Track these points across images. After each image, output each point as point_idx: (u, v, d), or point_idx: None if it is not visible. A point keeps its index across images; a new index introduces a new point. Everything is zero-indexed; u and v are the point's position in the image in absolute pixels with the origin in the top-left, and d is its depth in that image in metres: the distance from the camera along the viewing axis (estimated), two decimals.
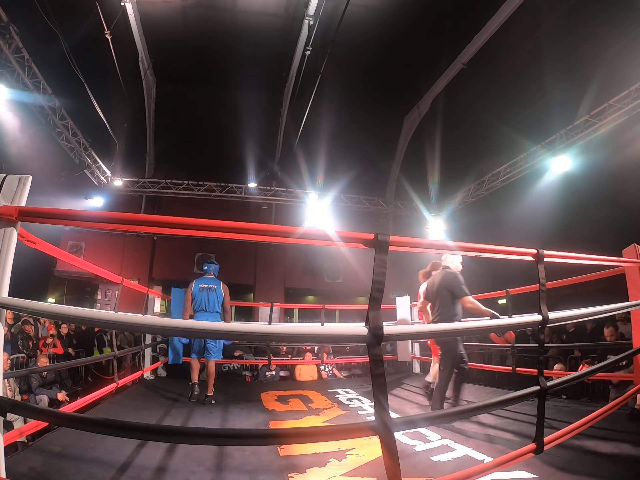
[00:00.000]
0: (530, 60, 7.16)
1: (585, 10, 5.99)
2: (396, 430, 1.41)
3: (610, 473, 2.00)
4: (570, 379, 2.21)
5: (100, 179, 9.42)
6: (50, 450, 2.33)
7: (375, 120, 9.82)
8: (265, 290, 10.94)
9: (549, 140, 7.46)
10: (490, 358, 7.09)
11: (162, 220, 1.70)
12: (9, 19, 5.55)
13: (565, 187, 7.30)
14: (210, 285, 4.19)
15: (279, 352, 7.28)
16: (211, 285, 4.20)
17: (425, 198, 10.58)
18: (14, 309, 1.58)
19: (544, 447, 1.82)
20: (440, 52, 7.74)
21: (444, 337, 3.25)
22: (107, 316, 1.53)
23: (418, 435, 2.82)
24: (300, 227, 1.55)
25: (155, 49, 8.11)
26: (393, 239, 1.50)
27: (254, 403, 4.15)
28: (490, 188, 9.26)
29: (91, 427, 1.59)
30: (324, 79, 7.02)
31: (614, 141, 6.52)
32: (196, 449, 2.47)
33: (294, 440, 1.98)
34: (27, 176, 1.56)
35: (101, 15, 6.03)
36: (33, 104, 6.75)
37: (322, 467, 2.28)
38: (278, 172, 10.32)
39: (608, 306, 2.41)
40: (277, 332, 1.85)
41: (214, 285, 4.22)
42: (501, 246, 2.04)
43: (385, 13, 7.21)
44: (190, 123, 9.82)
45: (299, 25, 7.21)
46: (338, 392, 4.74)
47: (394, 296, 5.93)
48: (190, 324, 1.84)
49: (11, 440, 2.16)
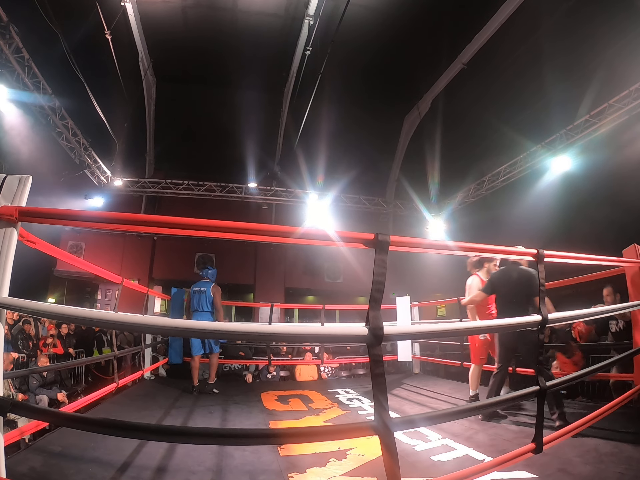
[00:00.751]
0: (530, 60, 7.16)
1: (585, 10, 5.99)
2: (396, 430, 1.41)
3: (610, 473, 2.00)
4: (570, 378, 2.21)
5: (100, 179, 9.42)
6: (50, 450, 2.34)
7: (375, 120, 9.82)
8: (265, 290, 10.95)
9: (549, 140, 7.46)
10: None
11: (162, 220, 1.70)
12: (9, 19, 5.55)
13: (565, 187, 7.30)
14: (201, 288, 4.70)
15: (279, 352, 7.28)
16: (202, 287, 4.70)
17: (425, 198, 10.58)
18: (14, 309, 1.58)
19: (544, 446, 1.82)
20: (440, 52, 7.74)
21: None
22: (107, 316, 1.53)
23: (418, 435, 2.82)
24: (300, 227, 1.55)
25: (155, 49, 8.12)
26: (393, 239, 1.50)
27: (254, 403, 4.15)
28: (490, 188, 9.26)
29: (91, 427, 1.59)
30: (324, 79, 7.02)
31: (614, 141, 6.51)
32: (196, 449, 2.47)
33: (294, 440, 1.98)
34: (27, 176, 1.56)
35: (101, 15, 6.03)
36: (33, 104, 6.75)
37: (322, 467, 2.28)
38: (278, 172, 10.32)
39: (608, 307, 2.41)
40: (277, 332, 1.85)
41: (205, 287, 4.71)
42: (501, 246, 2.04)
43: (385, 13, 7.21)
44: (190, 123, 9.83)
45: (299, 25, 7.21)
46: (338, 392, 4.74)
47: (394, 296, 5.92)
48: (191, 324, 1.84)
49: (12, 440, 2.16)
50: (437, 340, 6.31)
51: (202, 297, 4.65)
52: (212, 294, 4.66)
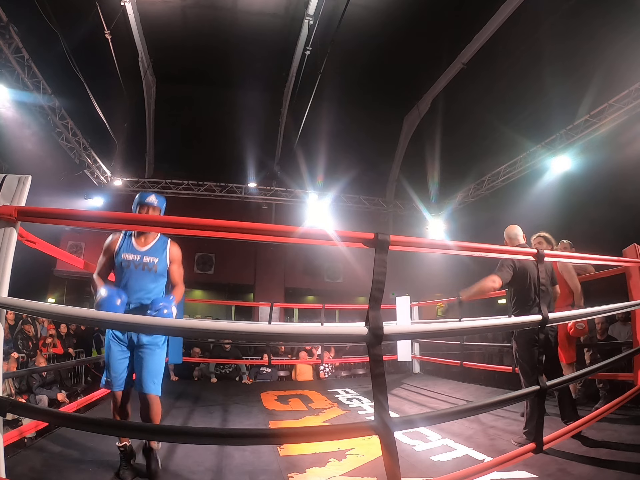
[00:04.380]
0: (530, 60, 7.16)
1: (585, 10, 5.99)
2: (396, 430, 1.41)
3: (610, 473, 2.00)
4: (570, 378, 2.21)
5: (100, 179, 9.41)
6: (50, 450, 2.34)
7: (375, 120, 9.83)
8: (265, 290, 10.94)
9: (549, 140, 7.46)
10: (490, 358, 7.09)
11: (162, 220, 1.71)
12: (9, 19, 5.55)
13: (565, 187, 7.30)
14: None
15: (277, 351, 7.28)
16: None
17: (425, 198, 10.58)
18: (14, 309, 1.58)
19: (544, 446, 1.82)
20: (440, 52, 7.74)
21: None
22: (107, 316, 1.53)
23: (418, 435, 2.82)
24: (300, 227, 1.55)
25: (155, 49, 8.12)
26: (393, 238, 1.50)
27: (254, 403, 4.15)
28: (490, 188, 9.26)
29: (91, 427, 1.59)
30: (324, 78, 7.02)
31: (613, 141, 6.51)
32: (196, 449, 2.47)
33: (294, 440, 1.98)
34: (27, 176, 1.56)
35: (101, 15, 6.02)
36: (33, 104, 6.74)
37: (322, 467, 2.28)
38: (278, 172, 10.32)
39: (608, 306, 2.41)
40: (277, 332, 1.85)
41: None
42: (501, 246, 2.04)
43: (385, 13, 7.21)
44: (190, 123, 9.82)
45: (299, 25, 7.21)
46: (338, 392, 4.73)
47: (394, 296, 5.92)
48: (191, 324, 1.83)
49: (12, 440, 2.16)
50: (438, 340, 6.31)
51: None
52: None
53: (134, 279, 2.18)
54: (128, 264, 2.18)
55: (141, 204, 2.41)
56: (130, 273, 2.18)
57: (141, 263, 2.20)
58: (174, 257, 2.31)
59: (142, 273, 2.19)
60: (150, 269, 2.21)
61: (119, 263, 2.20)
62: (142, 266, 2.20)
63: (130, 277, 2.18)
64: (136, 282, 2.18)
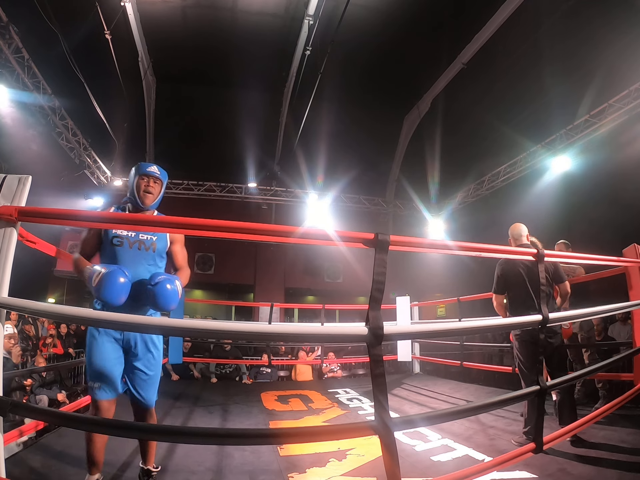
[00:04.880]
0: (530, 60, 7.16)
1: (585, 10, 5.99)
2: (396, 430, 1.41)
3: (610, 473, 2.00)
4: (570, 378, 2.21)
5: (100, 179, 9.42)
6: (50, 450, 2.34)
7: (375, 120, 9.82)
8: (265, 290, 10.94)
9: (549, 140, 7.46)
10: (490, 358, 7.09)
11: (162, 220, 1.70)
12: (9, 19, 5.55)
13: (565, 187, 7.30)
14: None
15: (277, 351, 7.28)
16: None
17: (425, 198, 10.58)
18: (14, 309, 1.58)
19: (544, 446, 1.82)
20: (440, 52, 7.74)
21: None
22: (107, 316, 1.53)
23: (418, 435, 2.82)
24: (300, 227, 1.55)
25: (155, 49, 8.11)
26: (393, 238, 1.49)
27: (254, 403, 4.15)
28: (490, 188, 9.26)
29: (91, 427, 1.59)
30: (324, 78, 7.01)
31: (614, 141, 6.51)
32: (196, 449, 2.47)
33: (294, 440, 1.98)
34: (27, 176, 1.56)
35: (101, 15, 6.02)
36: (33, 104, 6.74)
37: (322, 467, 2.28)
38: (278, 172, 10.32)
39: (608, 306, 2.41)
40: (277, 332, 1.84)
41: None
42: (501, 246, 2.04)
43: (385, 13, 7.21)
44: (190, 123, 9.81)
45: (299, 25, 7.20)
46: (338, 392, 4.73)
47: (394, 296, 5.92)
48: (191, 324, 1.83)
49: (12, 440, 2.16)
50: (438, 340, 6.31)
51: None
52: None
53: (128, 260, 1.80)
54: (121, 241, 1.81)
55: (141, 174, 2.06)
56: (124, 252, 1.81)
57: (137, 240, 1.84)
58: (175, 236, 2.00)
59: (137, 253, 1.83)
60: (148, 248, 1.86)
61: (109, 240, 1.82)
62: (138, 244, 1.84)
63: (123, 258, 1.80)
64: (131, 265, 1.78)
